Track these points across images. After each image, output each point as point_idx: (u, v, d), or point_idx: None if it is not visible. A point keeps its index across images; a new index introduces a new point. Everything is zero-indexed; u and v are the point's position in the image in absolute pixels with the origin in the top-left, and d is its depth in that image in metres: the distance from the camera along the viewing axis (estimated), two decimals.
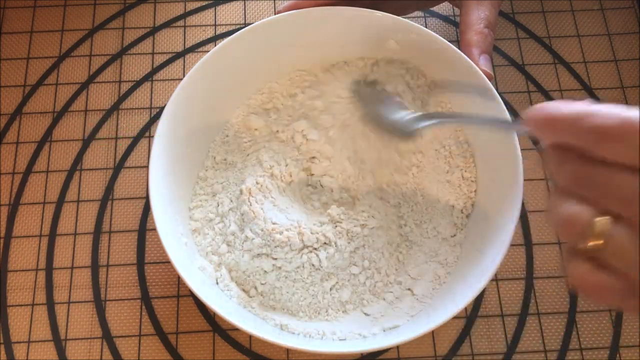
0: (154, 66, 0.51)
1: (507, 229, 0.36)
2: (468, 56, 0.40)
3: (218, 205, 0.41)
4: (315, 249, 0.39)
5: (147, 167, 0.45)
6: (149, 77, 0.50)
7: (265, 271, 0.39)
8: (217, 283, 0.39)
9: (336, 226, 0.40)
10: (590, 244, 0.25)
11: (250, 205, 0.40)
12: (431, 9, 0.53)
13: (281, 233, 0.38)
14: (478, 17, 0.41)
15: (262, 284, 0.39)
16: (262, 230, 0.39)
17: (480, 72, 0.39)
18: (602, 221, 0.24)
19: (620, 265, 0.24)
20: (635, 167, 0.23)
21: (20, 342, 0.42)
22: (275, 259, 0.38)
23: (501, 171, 0.39)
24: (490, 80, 0.39)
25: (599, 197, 0.25)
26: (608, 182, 0.24)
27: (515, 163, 0.37)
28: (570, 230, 0.25)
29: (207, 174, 0.43)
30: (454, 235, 0.41)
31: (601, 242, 0.24)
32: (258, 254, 0.39)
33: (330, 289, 0.39)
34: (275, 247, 0.38)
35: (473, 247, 0.39)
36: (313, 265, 0.39)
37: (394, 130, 0.40)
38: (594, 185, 0.25)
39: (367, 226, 0.40)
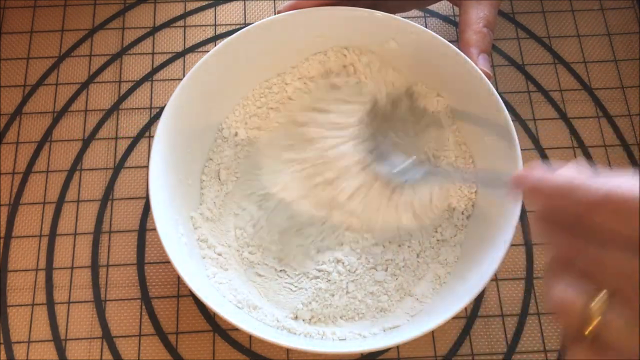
0: (154, 66, 0.51)
1: (507, 229, 0.36)
2: (467, 55, 0.40)
3: (221, 207, 0.42)
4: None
5: (147, 167, 0.45)
6: (149, 77, 0.50)
7: (267, 277, 0.39)
8: (217, 283, 0.39)
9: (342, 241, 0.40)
10: (587, 332, 0.24)
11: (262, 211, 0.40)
12: (431, 9, 0.53)
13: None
14: (477, 17, 0.41)
15: (263, 286, 0.39)
16: (267, 244, 0.39)
17: (481, 73, 0.39)
18: (597, 305, 0.23)
19: (619, 350, 0.24)
20: (628, 241, 0.23)
21: (20, 342, 0.42)
22: (280, 269, 0.39)
23: (501, 171, 0.39)
24: (489, 79, 0.39)
25: (594, 272, 0.24)
26: (600, 257, 0.24)
27: (515, 163, 0.37)
28: (567, 319, 0.24)
29: (209, 175, 0.43)
30: (455, 236, 0.41)
31: (595, 326, 0.24)
32: (264, 261, 0.39)
33: (333, 296, 0.39)
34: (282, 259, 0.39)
35: (473, 247, 0.39)
36: (317, 271, 0.39)
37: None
38: (587, 260, 0.24)
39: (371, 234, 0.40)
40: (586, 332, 0.24)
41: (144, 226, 0.45)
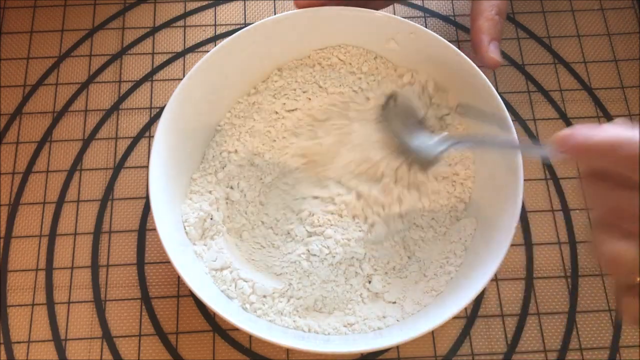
0: (154, 66, 0.51)
1: (507, 229, 0.36)
2: (478, 42, 0.40)
3: (220, 205, 0.42)
4: (325, 248, 0.39)
5: (147, 167, 0.45)
6: (149, 77, 0.50)
7: (265, 273, 0.39)
8: (217, 283, 0.39)
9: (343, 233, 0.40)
10: (638, 280, 0.25)
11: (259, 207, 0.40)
12: (431, 9, 0.53)
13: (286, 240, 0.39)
14: (489, 4, 0.42)
15: (262, 286, 0.39)
16: (265, 236, 0.39)
17: (481, 72, 0.39)
18: None
19: None
20: None
21: (20, 342, 0.42)
22: (275, 259, 0.39)
23: (501, 172, 0.39)
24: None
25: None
26: None
27: (515, 163, 0.37)
28: (618, 270, 0.26)
29: (209, 173, 0.43)
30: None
31: None
32: (262, 257, 0.39)
33: (333, 296, 0.39)
34: (277, 249, 0.39)
35: (473, 247, 0.39)
36: (318, 270, 0.39)
37: (416, 158, 0.40)
38: (633, 217, 0.25)
39: (373, 231, 0.40)
40: (638, 280, 0.25)
41: (144, 226, 0.45)
